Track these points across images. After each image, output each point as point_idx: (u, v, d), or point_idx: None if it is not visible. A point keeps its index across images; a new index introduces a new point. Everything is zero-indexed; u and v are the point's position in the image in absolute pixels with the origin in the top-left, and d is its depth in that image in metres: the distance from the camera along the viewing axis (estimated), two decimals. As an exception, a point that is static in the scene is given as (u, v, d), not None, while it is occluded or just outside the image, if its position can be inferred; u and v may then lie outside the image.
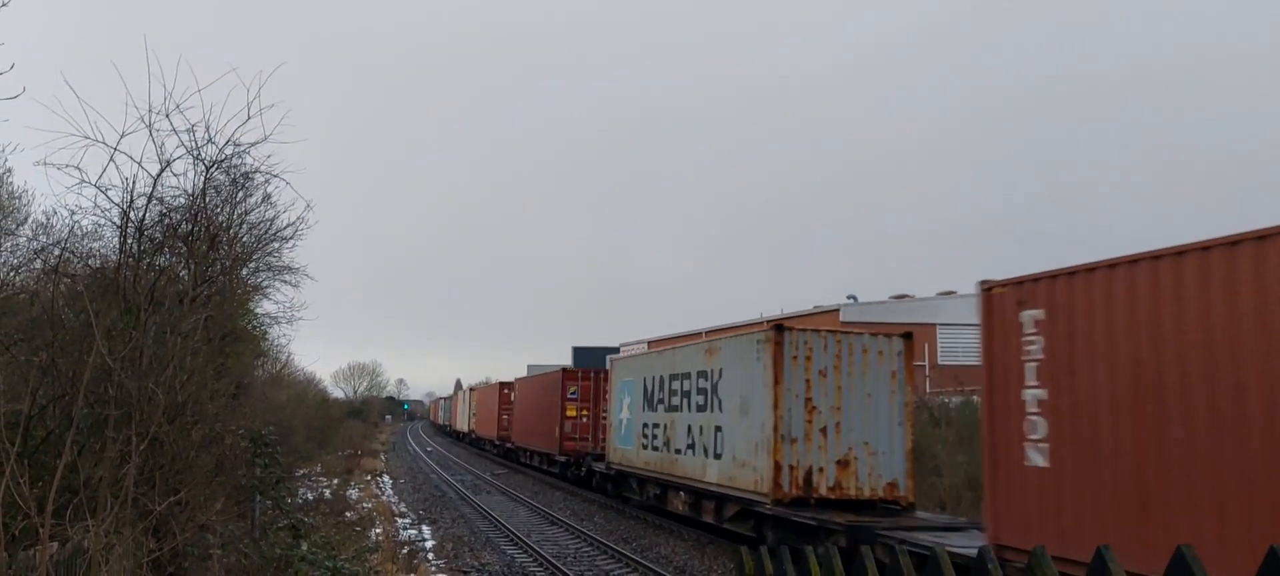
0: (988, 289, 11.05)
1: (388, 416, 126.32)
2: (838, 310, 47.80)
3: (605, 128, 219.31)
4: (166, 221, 10.89)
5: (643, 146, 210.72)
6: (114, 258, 10.43)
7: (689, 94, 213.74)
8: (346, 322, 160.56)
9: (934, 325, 42.80)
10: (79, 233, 11.29)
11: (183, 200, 11.31)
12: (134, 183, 9.62)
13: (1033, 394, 10.33)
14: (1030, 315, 10.33)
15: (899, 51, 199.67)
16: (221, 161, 11.07)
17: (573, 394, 34.23)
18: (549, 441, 35.82)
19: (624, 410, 25.85)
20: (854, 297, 51.47)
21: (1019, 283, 10.67)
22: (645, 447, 23.61)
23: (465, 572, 17.06)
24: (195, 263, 11.01)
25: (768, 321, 54.75)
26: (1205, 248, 8.52)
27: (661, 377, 22.63)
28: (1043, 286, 10.28)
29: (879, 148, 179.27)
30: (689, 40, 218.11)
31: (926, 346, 42.53)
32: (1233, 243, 8.26)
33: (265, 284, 19.95)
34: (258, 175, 12.44)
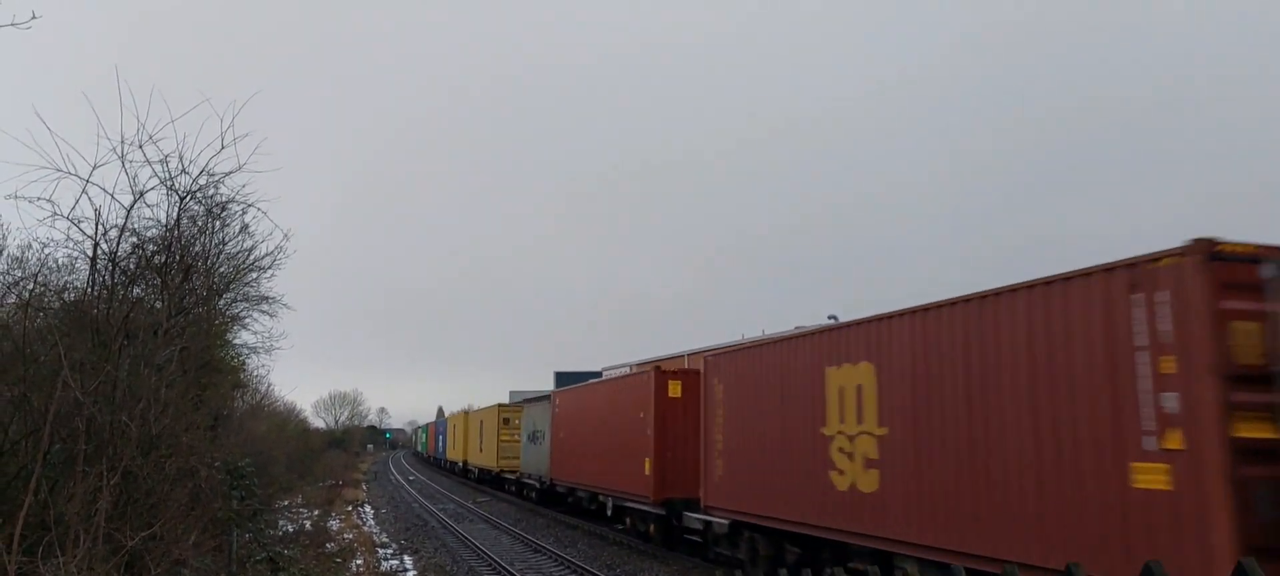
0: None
1: (370, 445, 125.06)
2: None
3: (598, 161, 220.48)
4: (140, 253, 10.81)
5: (637, 175, 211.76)
6: (88, 290, 10.33)
7: (684, 124, 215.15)
8: (328, 351, 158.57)
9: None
10: (53, 266, 11.19)
11: (157, 231, 11.25)
12: (104, 214, 9.56)
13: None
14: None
15: (893, 93, 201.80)
16: (196, 192, 11.02)
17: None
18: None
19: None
20: (835, 317, 51.62)
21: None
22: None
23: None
24: (169, 294, 10.92)
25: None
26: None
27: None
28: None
29: (870, 179, 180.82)
30: (684, 77, 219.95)
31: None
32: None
33: (243, 314, 19.84)
34: (234, 205, 12.42)
